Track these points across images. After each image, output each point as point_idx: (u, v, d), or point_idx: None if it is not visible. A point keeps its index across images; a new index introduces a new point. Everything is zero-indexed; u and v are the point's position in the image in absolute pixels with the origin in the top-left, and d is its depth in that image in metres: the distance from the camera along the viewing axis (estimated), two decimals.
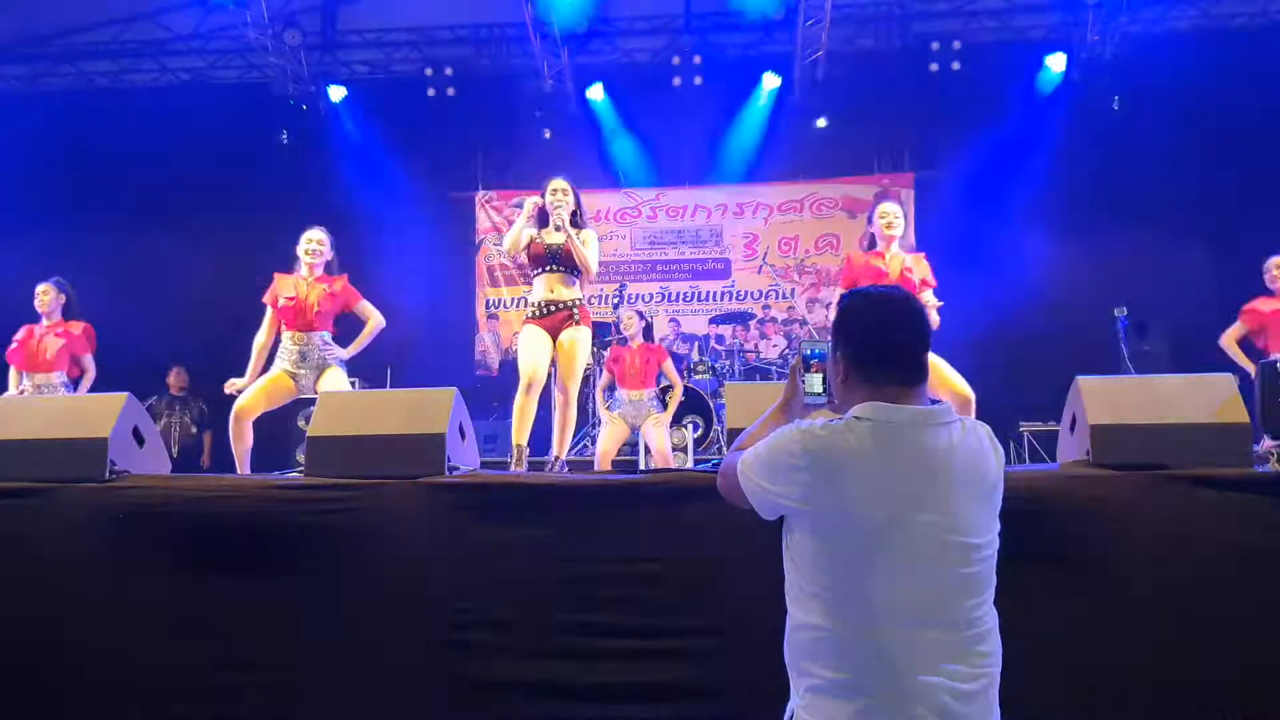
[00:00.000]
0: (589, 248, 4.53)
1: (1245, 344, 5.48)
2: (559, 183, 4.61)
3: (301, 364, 4.58)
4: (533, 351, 4.43)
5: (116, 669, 2.94)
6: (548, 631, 2.80)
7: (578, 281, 4.58)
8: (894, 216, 4.56)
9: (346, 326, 4.86)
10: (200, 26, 9.65)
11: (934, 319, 4.47)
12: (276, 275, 4.74)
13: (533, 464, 4.71)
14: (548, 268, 4.52)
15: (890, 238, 4.54)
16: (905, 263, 4.53)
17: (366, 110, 9.75)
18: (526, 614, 2.83)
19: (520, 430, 4.42)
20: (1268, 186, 7.49)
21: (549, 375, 4.60)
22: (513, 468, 4.39)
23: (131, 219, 9.08)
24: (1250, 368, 5.20)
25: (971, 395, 4.24)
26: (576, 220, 4.55)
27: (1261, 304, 5.38)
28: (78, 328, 5.61)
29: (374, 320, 4.79)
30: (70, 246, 7.90)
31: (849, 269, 4.63)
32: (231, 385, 4.57)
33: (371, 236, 8.40)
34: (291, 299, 4.60)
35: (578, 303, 4.54)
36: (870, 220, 4.70)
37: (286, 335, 4.63)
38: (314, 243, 4.72)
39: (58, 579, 3.02)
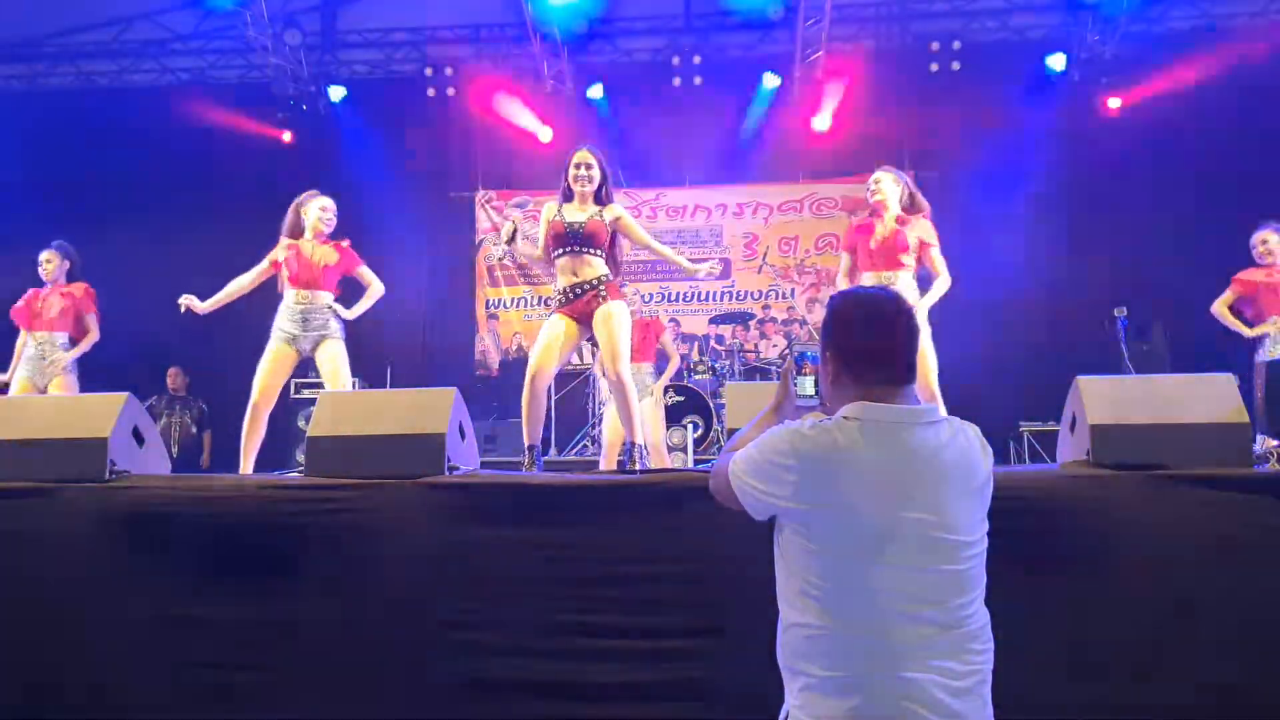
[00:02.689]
0: (636, 230, 4.30)
1: (1235, 312, 5.60)
2: (584, 155, 4.25)
3: (304, 326, 4.56)
4: (545, 339, 4.13)
5: (117, 669, 2.94)
6: (547, 631, 2.80)
7: (602, 259, 4.21)
8: (874, 182, 4.66)
9: (350, 296, 4.84)
10: (200, 26, 9.65)
11: (943, 284, 4.53)
12: (283, 238, 4.76)
13: (550, 464, 4.62)
14: (569, 248, 4.17)
15: (878, 203, 4.61)
16: (897, 225, 4.56)
17: (366, 110, 9.76)
18: (526, 614, 2.83)
19: (529, 429, 4.14)
20: (1268, 186, 7.48)
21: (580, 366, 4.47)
22: (525, 470, 4.07)
23: (131, 218, 9.07)
24: (1242, 329, 5.43)
25: (938, 393, 4.27)
26: (601, 196, 4.28)
27: (1251, 274, 5.53)
28: (79, 288, 5.72)
29: (374, 286, 4.83)
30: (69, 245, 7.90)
31: (848, 233, 4.92)
32: (186, 299, 4.58)
33: (371, 236, 8.36)
34: (298, 256, 4.63)
35: (604, 279, 4.18)
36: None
37: (290, 294, 4.62)
38: (329, 211, 4.79)
39: (58, 579, 3.02)
